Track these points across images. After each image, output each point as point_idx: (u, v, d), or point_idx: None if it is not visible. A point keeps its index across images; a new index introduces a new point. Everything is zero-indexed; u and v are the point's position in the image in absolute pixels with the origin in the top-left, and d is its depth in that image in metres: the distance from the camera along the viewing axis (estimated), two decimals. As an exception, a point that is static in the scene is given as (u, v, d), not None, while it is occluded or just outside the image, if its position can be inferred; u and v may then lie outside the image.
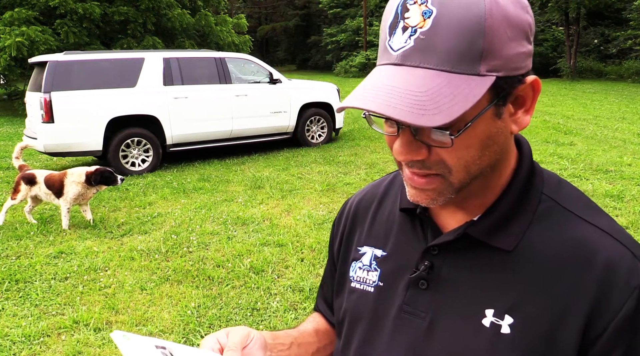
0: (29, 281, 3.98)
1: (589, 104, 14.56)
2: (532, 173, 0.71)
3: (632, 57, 23.98)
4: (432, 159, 0.62)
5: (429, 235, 0.74)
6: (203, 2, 19.23)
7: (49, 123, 6.77)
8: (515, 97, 0.63)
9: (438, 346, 0.69)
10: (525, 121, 0.64)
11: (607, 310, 0.61)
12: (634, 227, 4.69)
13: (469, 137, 0.60)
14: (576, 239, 0.65)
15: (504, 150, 0.66)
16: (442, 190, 0.65)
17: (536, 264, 0.65)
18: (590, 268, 0.63)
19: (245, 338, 0.72)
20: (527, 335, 0.63)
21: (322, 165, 7.65)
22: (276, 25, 45.04)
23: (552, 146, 8.55)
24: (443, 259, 0.71)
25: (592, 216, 0.68)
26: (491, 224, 0.68)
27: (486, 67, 0.58)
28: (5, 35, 13.41)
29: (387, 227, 0.81)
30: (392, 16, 0.60)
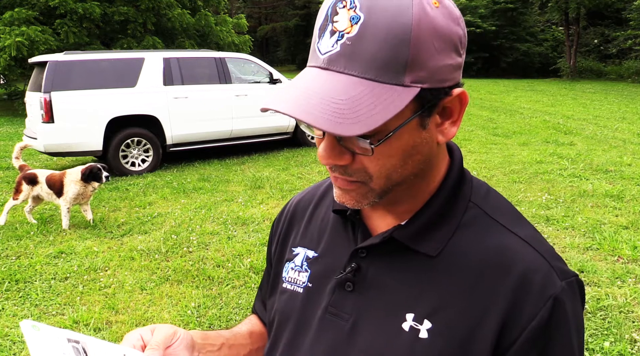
0: (29, 281, 3.98)
1: (589, 104, 14.56)
2: (460, 181, 0.71)
3: (632, 57, 23.98)
4: (354, 167, 0.62)
5: (359, 237, 0.74)
6: (203, 2, 19.23)
7: (49, 123, 6.78)
8: (442, 108, 0.63)
9: (358, 349, 0.69)
10: (451, 132, 0.64)
11: (521, 318, 0.62)
12: (633, 227, 4.70)
13: (391, 146, 0.60)
14: (497, 247, 0.66)
15: (428, 159, 0.66)
16: (364, 194, 0.65)
17: (458, 270, 0.66)
18: (508, 276, 0.64)
19: (170, 337, 0.70)
20: (444, 340, 0.64)
21: (322, 165, 7.62)
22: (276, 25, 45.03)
23: (552, 146, 8.55)
24: (370, 262, 0.71)
25: (516, 226, 0.69)
26: (417, 230, 0.69)
27: (411, 78, 0.57)
28: (5, 35, 13.41)
29: (321, 228, 0.81)
30: (323, 18, 0.59)
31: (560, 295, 0.63)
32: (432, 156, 0.66)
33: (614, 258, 4.04)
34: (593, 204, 5.37)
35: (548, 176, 6.55)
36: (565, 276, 0.65)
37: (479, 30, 28.02)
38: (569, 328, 0.63)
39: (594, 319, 3.14)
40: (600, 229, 4.64)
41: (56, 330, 0.63)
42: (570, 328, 0.64)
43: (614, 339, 2.91)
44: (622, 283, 3.61)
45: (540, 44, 29.69)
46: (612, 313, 3.20)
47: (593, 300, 3.36)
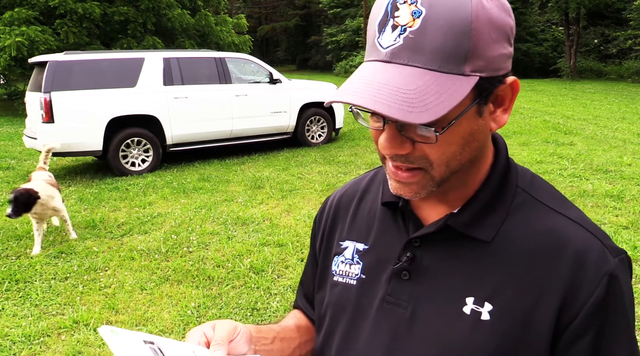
0: (29, 281, 3.98)
1: (589, 104, 14.56)
2: (507, 168, 0.74)
3: (632, 57, 23.98)
4: (415, 154, 0.65)
5: (411, 228, 0.76)
6: (203, 2, 19.23)
7: (49, 123, 6.77)
8: (496, 97, 0.66)
9: (420, 334, 0.71)
10: (503, 120, 0.67)
11: (579, 296, 0.65)
12: (634, 227, 4.70)
13: (452, 134, 0.63)
14: (549, 229, 0.69)
15: (483, 146, 0.69)
16: (425, 184, 0.67)
17: (512, 254, 0.68)
18: (563, 257, 0.66)
19: (232, 331, 0.73)
20: (505, 320, 0.66)
21: (322, 165, 7.65)
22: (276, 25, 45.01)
23: (552, 146, 8.55)
24: (425, 250, 0.73)
25: (563, 207, 0.72)
26: (470, 217, 0.71)
27: (471, 67, 0.60)
28: (5, 35, 13.41)
29: (368, 221, 0.83)
30: (382, 14, 0.61)
31: (614, 271, 0.66)
32: (485, 143, 0.70)
33: (614, 258, 4.04)
34: (593, 204, 5.37)
35: (548, 176, 6.55)
36: (617, 253, 0.68)
37: (479, 30, 27.94)
38: (624, 302, 0.66)
39: (594, 319, 3.14)
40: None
41: (132, 333, 0.65)
42: (625, 301, 0.66)
43: (614, 339, 2.91)
44: (622, 283, 3.61)
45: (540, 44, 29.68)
46: (612, 313, 3.19)
47: (593, 299, 3.36)
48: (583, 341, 0.65)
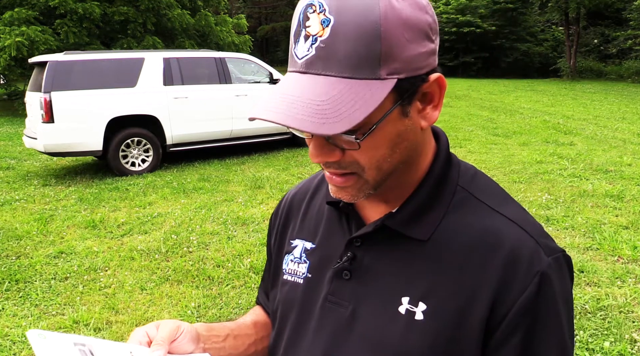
0: (29, 281, 3.98)
1: (589, 104, 14.56)
2: (447, 165, 0.74)
3: (632, 57, 23.98)
4: (346, 160, 0.65)
5: (353, 227, 0.77)
6: (203, 2, 19.23)
7: (49, 123, 6.77)
8: (422, 94, 0.65)
9: (358, 334, 0.72)
10: (434, 116, 0.67)
11: (510, 293, 0.65)
12: (634, 227, 4.70)
13: (376, 138, 0.62)
14: (485, 228, 0.68)
15: (415, 146, 0.68)
16: (360, 187, 0.68)
17: (448, 252, 0.68)
18: (496, 255, 0.66)
19: (174, 331, 0.73)
20: (438, 320, 0.67)
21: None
22: (276, 25, 45.03)
23: (552, 146, 8.55)
24: (365, 250, 0.74)
25: (502, 206, 0.71)
26: (408, 216, 0.71)
27: (386, 70, 0.59)
28: (5, 35, 13.41)
29: (317, 220, 0.84)
30: (296, 24, 0.62)
31: (546, 271, 0.65)
32: (418, 142, 0.69)
33: (614, 258, 4.04)
34: (593, 204, 5.37)
35: (548, 176, 6.55)
36: (552, 252, 0.67)
37: (479, 30, 28.02)
38: (555, 302, 0.66)
39: (594, 319, 3.14)
40: (600, 229, 4.64)
41: (62, 335, 0.64)
42: (557, 302, 0.66)
43: (614, 339, 2.91)
44: (622, 283, 3.61)
45: (540, 44, 29.69)
46: (612, 313, 3.20)
47: (593, 300, 3.36)
48: (513, 339, 0.65)
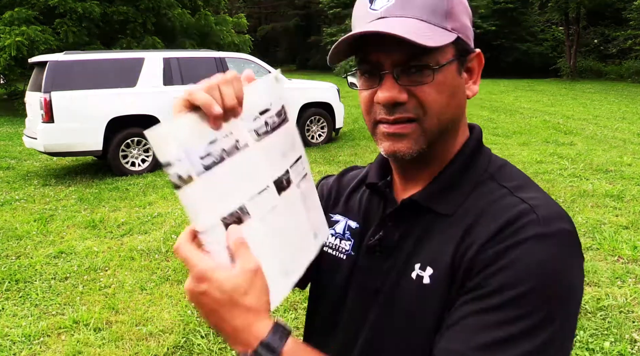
0: (29, 281, 3.98)
1: (589, 104, 14.56)
2: (477, 152, 0.80)
3: (632, 57, 23.98)
4: (411, 104, 0.72)
5: (388, 208, 0.83)
6: (203, 2, 19.23)
7: (49, 123, 6.77)
8: (467, 68, 0.77)
9: (379, 303, 0.78)
10: (475, 89, 0.79)
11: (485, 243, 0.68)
12: (634, 227, 4.70)
13: (441, 82, 0.71)
14: (497, 204, 0.72)
15: (461, 109, 0.77)
16: (417, 137, 0.73)
17: (460, 223, 0.73)
18: (495, 221, 0.69)
19: None
20: (445, 282, 0.71)
21: (322, 165, 7.64)
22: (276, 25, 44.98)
23: (552, 146, 8.55)
24: (395, 228, 0.79)
25: (521, 191, 0.74)
26: (435, 191, 0.78)
27: (451, 24, 0.72)
28: (5, 35, 13.41)
29: (360, 203, 0.90)
30: None
31: (536, 231, 0.66)
32: (463, 109, 0.78)
33: (614, 258, 4.04)
34: (593, 204, 5.37)
35: (548, 176, 6.55)
36: (550, 223, 0.67)
37: (479, 31, 27.99)
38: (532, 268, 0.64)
39: (594, 319, 3.14)
40: (600, 229, 4.64)
41: None
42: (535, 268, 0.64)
43: (614, 339, 2.91)
44: (622, 283, 3.61)
45: (540, 44, 29.67)
46: (612, 313, 3.20)
47: (593, 300, 3.36)
48: (469, 284, 0.67)
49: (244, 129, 0.67)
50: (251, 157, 0.67)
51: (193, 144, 0.61)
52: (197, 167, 0.61)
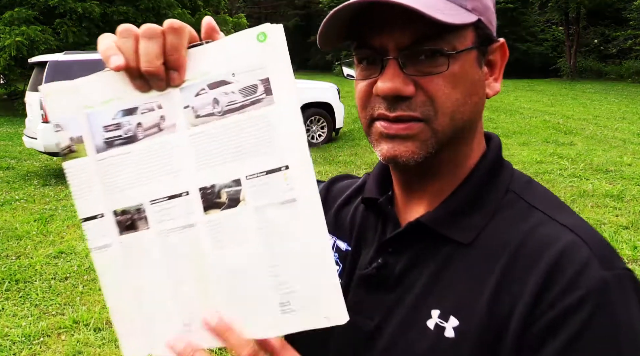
0: (29, 281, 3.98)
1: (589, 104, 14.56)
2: (498, 166, 0.67)
3: (632, 57, 23.98)
4: (418, 99, 0.58)
5: (388, 230, 0.68)
6: (203, 2, 19.24)
7: (49, 123, 6.77)
8: (488, 60, 0.64)
9: (381, 351, 0.62)
10: (495, 87, 0.65)
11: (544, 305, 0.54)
12: (634, 227, 4.70)
13: (457, 73, 0.58)
14: (535, 233, 0.59)
15: (478, 110, 0.64)
16: (424, 139, 0.59)
17: (490, 259, 0.59)
18: (542, 259, 0.56)
19: None
20: (472, 338, 0.57)
21: (322, 165, 7.64)
22: (276, 25, 44.95)
23: (552, 146, 8.55)
24: (398, 256, 0.65)
25: (558, 214, 0.61)
26: (448, 214, 0.63)
27: (471, 4, 0.60)
28: (5, 35, 13.41)
29: (352, 219, 0.75)
30: None
31: (599, 285, 0.53)
32: (480, 109, 0.64)
33: (614, 258, 4.04)
34: (593, 204, 5.37)
35: (548, 176, 6.55)
36: (610, 265, 0.55)
37: (479, 30, 27.93)
38: (611, 331, 0.52)
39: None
40: (600, 229, 4.64)
41: None
42: (613, 331, 0.52)
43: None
44: (622, 283, 3.61)
45: (540, 44, 29.68)
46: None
47: (593, 300, 3.36)
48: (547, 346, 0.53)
49: (179, 105, 0.49)
50: (173, 146, 0.49)
51: (99, 108, 0.49)
52: (97, 139, 0.49)
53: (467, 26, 0.58)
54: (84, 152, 0.49)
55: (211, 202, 0.49)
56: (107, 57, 0.48)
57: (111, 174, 0.49)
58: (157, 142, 0.49)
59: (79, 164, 0.49)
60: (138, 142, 0.49)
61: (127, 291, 0.52)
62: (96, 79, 0.49)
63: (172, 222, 0.50)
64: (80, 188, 0.50)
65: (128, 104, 0.48)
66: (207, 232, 0.50)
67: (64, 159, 0.49)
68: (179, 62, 0.49)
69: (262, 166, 0.49)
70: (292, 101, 0.49)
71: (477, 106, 0.63)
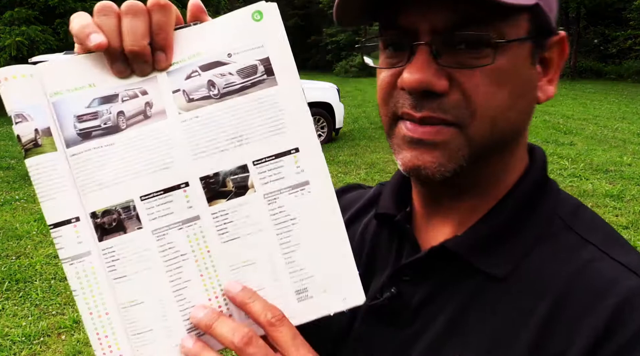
0: (29, 281, 3.98)
1: (589, 103, 14.56)
2: (542, 187, 0.56)
3: (632, 57, 24.00)
4: (452, 98, 0.47)
5: (405, 254, 0.58)
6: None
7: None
8: (542, 58, 0.53)
9: None
10: (549, 91, 0.54)
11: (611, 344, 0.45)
12: (634, 227, 4.70)
13: (505, 69, 0.47)
14: (590, 272, 0.49)
15: (527, 117, 0.53)
16: (455, 148, 0.48)
17: (532, 298, 0.50)
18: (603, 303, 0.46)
19: None
20: None
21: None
22: (276, 25, 44.93)
23: (552, 145, 8.55)
24: (415, 286, 0.55)
25: (616, 250, 0.51)
26: (479, 239, 0.53)
27: None
28: (5, 34, 13.42)
29: (362, 238, 0.64)
30: None
31: None
32: (529, 117, 0.54)
33: (614, 258, 4.05)
34: (593, 204, 5.37)
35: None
36: None
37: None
38: None
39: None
40: (600, 229, 4.65)
41: None
42: None
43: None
44: (622, 283, 3.61)
45: (540, 44, 29.70)
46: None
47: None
48: None
49: (167, 90, 0.45)
50: (165, 134, 0.44)
51: (67, 95, 0.43)
52: (67, 131, 0.43)
53: (522, 10, 0.47)
54: (52, 147, 0.43)
55: (215, 191, 0.45)
56: (85, 36, 0.41)
57: (88, 170, 0.44)
58: (145, 130, 0.44)
59: (47, 160, 0.43)
60: (121, 133, 0.43)
61: (112, 308, 0.45)
62: (62, 63, 0.43)
63: (171, 217, 0.45)
64: (48, 189, 0.44)
65: (105, 92, 0.43)
66: (213, 224, 0.46)
67: (26, 156, 0.42)
68: (166, 42, 0.44)
69: (270, 150, 0.46)
70: (296, 81, 0.46)
71: (525, 112, 0.52)
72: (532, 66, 0.51)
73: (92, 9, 0.44)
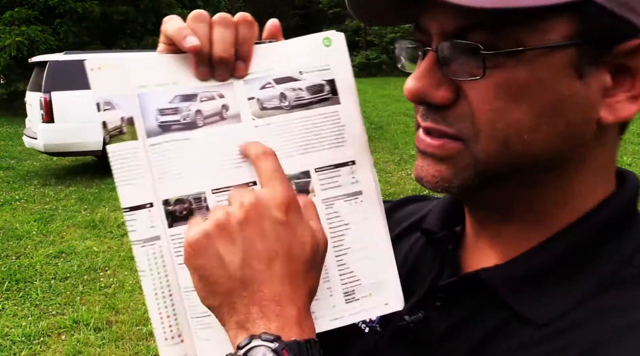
0: (29, 281, 3.99)
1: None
2: (623, 221, 0.45)
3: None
4: (457, 111, 0.42)
5: (445, 274, 0.52)
6: (203, 2, 19.23)
7: (49, 123, 6.78)
8: (619, 64, 0.40)
9: None
10: (626, 110, 0.40)
11: None
12: (634, 227, 4.70)
13: (522, 82, 0.39)
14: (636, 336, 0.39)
15: (577, 139, 0.42)
16: (461, 165, 0.43)
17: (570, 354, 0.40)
18: None
19: None
20: None
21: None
22: (276, 25, 44.99)
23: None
24: (445, 313, 0.49)
25: None
26: (522, 273, 0.45)
27: None
28: (5, 34, 13.42)
29: (410, 251, 0.59)
30: None
31: None
32: (584, 141, 0.42)
33: (614, 258, 4.04)
34: (593, 204, 5.38)
35: (548, 176, 6.56)
36: None
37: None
38: None
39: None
40: (600, 229, 4.65)
41: None
42: None
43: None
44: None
45: (540, 44, 29.75)
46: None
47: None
48: None
49: (243, 96, 0.49)
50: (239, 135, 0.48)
51: (152, 89, 0.47)
52: (149, 122, 0.46)
53: (555, 10, 0.37)
54: (134, 136, 0.46)
55: None
56: (182, 37, 0.45)
57: (165, 160, 0.47)
58: (221, 130, 0.48)
59: (129, 147, 0.47)
60: (197, 129, 0.47)
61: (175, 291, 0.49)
62: (150, 59, 0.47)
63: None
64: (128, 174, 0.47)
65: (186, 90, 0.47)
66: None
67: (109, 142, 0.46)
68: (247, 53, 0.48)
69: (330, 160, 0.50)
70: (357, 102, 0.52)
71: (561, 135, 0.41)
72: (577, 78, 0.39)
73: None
